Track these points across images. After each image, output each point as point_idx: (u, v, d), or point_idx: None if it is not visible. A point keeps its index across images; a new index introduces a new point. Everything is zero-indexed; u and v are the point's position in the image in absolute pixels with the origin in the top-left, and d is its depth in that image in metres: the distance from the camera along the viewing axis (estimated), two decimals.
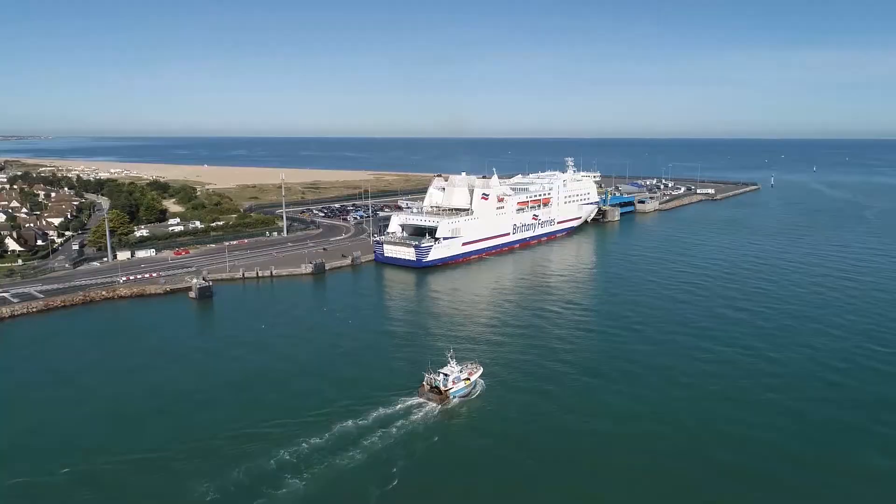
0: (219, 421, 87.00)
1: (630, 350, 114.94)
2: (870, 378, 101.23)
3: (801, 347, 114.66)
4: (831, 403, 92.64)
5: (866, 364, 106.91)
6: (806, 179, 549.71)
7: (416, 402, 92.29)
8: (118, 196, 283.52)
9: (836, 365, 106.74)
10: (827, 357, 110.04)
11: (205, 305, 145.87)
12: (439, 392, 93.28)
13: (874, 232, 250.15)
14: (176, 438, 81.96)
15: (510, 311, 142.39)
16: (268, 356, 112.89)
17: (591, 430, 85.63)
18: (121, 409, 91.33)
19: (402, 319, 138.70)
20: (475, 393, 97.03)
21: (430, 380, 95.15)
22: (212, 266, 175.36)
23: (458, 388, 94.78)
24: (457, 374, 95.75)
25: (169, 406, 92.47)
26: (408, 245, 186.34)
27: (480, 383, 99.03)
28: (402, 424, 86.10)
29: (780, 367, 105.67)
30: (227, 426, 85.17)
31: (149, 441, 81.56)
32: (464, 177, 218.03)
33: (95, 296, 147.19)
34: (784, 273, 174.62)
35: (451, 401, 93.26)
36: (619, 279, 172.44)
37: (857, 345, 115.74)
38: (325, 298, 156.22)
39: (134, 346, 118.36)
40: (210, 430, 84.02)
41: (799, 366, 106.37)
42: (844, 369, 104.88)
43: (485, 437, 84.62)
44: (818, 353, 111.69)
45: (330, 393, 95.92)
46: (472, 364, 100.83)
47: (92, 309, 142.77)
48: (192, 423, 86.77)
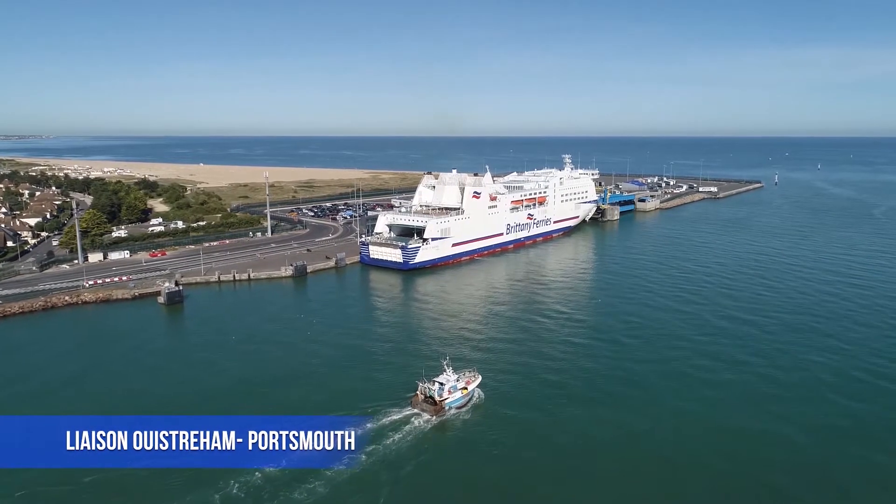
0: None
1: (631, 360, 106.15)
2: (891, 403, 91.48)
3: (811, 366, 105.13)
4: (850, 440, 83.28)
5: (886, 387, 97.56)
6: (811, 177, 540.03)
7: (407, 414, 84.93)
8: (100, 195, 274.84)
9: (851, 387, 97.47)
10: (838, 380, 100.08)
11: (174, 311, 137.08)
12: (434, 403, 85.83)
13: (883, 232, 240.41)
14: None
15: (502, 315, 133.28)
16: (240, 366, 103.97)
17: (596, 448, 78.66)
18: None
19: (388, 325, 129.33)
20: (472, 404, 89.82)
21: (424, 389, 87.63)
22: (187, 268, 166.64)
23: (454, 399, 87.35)
24: (453, 382, 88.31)
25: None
26: (394, 246, 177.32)
27: (479, 393, 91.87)
28: (392, 440, 78.72)
29: (787, 390, 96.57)
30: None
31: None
32: (454, 174, 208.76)
33: (58, 301, 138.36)
34: (790, 278, 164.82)
35: (447, 412, 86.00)
36: (617, 281, 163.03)
37: (875, 364, 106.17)
38: (305, 302, 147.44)
39: (92, 356, 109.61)
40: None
41: (808, 388, 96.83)
42: (859, 393, 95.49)
43: (480, 455, 77.00)
44: (829, 374, 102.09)
45: (309, 405, 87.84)
46: (470, 372, 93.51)
47: (53, 316, 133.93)
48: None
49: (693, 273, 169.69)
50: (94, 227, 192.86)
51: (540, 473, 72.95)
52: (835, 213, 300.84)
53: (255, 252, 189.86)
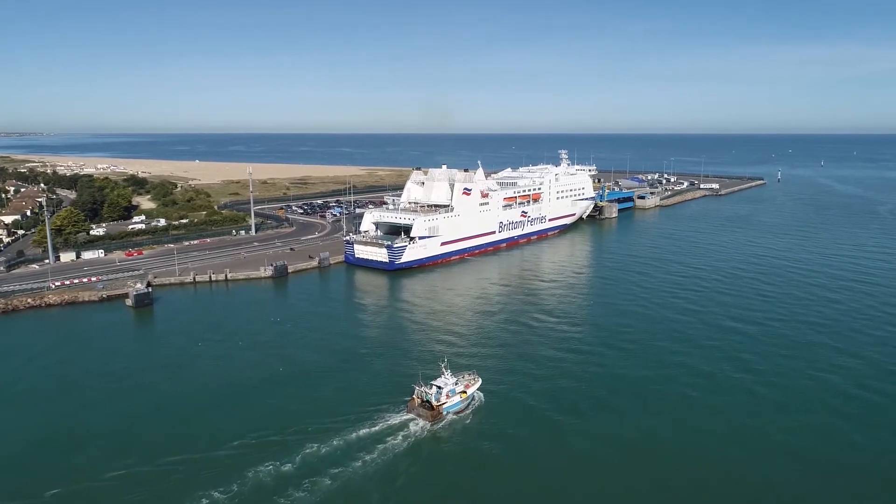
0: (155, 449, 73.65)
1: (633, 365, 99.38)
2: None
3: (816, 376, 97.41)
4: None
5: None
6: (814, 174, 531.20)
7: (402, 421, 79.64)
8: (83, 192, 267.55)
9: (861, 400, 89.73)
10: (846, 396, 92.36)
11: (142, 315, 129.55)
12: (431, 408, 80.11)
13: (890, 231, 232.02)
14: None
15: (495, 318, 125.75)
16: (210, 375, 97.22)
17: (601, 458, 73.62)
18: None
19: (373, 328, 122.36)
20: (471, 409, 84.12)
21: (420, 393, 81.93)
22: (162, 269, 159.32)
23: (452, 404, 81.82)
24: (451, 386, 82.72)
25: (82, 442, 76.67)
26: (379, 245, 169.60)
27: (479, 397, 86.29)
28: (384, 450, 73.06)
29: (792, 401, 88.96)
30: (164, 455, 72.23)
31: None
32: (444, 170, 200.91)
33: (20, 304, 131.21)
34: (794, 280, 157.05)
35: (445, 417, 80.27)
36: (613, 282, 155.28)
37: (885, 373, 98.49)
38: (283, 305, 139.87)
39: (50, 363, 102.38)
40: (148, 459, 71.33)
41: (814, 401, 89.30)
42: (872, 410, 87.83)
43: (478, 469, 70.99)
44: (836, 387, 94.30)
45: (289, 414, 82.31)
46: (470, 375, 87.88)
47: (13, 319, 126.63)
48: (111, 458, 71.86)
49: (693, 274, 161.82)
50: (70, 226, 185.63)
51: (540, 489, 66.69)
52: (839, 209, 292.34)
53: (239, 251, 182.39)
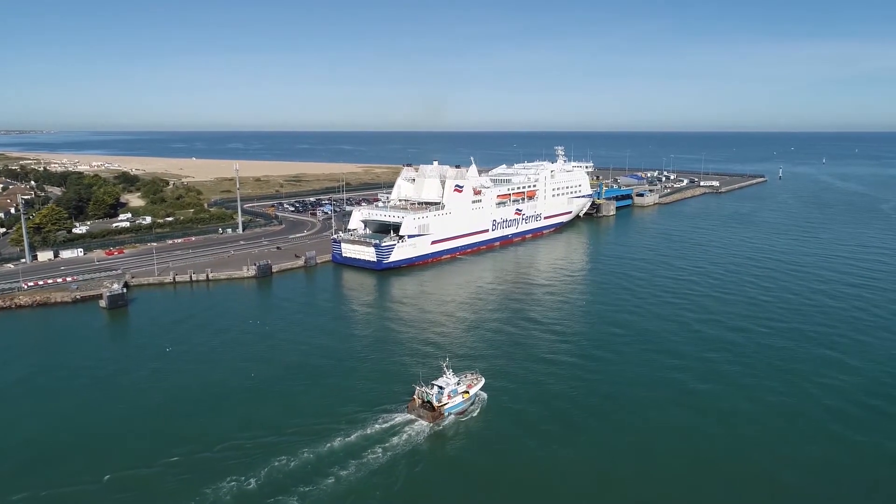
0: (145, 453, 70.77)
1: (630, 366, 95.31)
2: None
3: (818, 382, 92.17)
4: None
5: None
6: (815, 172, 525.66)
7: (402, 421, 76.60)
8: (70, 189, 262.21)
9: (865, 406, 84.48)
10: (850, 402, 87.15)
11: (116, 316, 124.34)
12: (432, 408, 76.88)
13: (894, 228, 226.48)
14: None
15: (488, 320, 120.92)
16: (187, 377, 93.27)
17: (602, 458, 70.85)
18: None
19: (360, 329, 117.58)
20: (474, 410, 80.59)
21: (421, 393, 78.59)
22: (142, 268, 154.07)
23: (454, 404, 78.46)
24: (453, 386, 79.28)
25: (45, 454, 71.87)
26: (367, 244, 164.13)
27: (482, 397, 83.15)
28: (382, 451, 70.18)
29: (795, 405, 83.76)
30: (157, 457, 69.68)
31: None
32: (435, 166, 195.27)
33: None
34: (795, 279, 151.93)
35: (446, 418, 77.01)
36: (613, 282, 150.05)
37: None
38: (265, 305, 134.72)
39: (15, 368, 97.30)
40: (136, 463, 68.74)
41: (817, 407, 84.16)
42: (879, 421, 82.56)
43: (479, 474, 67.54)
44: (839, 391, 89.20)
45: (278, 419, 78.61)
46: (472, 374, 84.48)
47: None
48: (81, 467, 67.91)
49: (692, 274, 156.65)
50: (50, 224, 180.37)
51: (542, 490, 63.26)
52: (841, 207, 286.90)
53: (227, 249, 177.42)
